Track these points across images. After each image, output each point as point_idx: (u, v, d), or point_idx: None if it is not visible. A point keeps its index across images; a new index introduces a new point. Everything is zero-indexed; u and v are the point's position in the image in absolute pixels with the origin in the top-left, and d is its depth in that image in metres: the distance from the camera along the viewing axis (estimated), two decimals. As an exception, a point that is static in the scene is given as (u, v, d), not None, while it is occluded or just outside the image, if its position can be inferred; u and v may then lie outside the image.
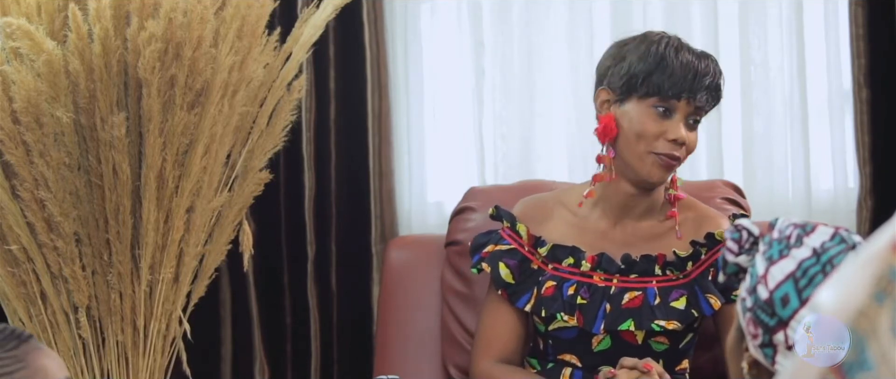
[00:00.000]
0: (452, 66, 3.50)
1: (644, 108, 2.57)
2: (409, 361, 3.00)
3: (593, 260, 2.64)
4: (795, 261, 1.71)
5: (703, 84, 2.56)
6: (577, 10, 3.43)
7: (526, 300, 2.65)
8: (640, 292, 2.61)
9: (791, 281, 1.69)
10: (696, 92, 2.55)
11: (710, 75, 2.57)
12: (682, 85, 2.55)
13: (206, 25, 2.70)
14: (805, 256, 1.70)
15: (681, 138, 2.55)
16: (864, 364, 1.13)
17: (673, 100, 2.55)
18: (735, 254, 1.78)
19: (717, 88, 2.59)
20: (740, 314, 1.75)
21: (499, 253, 2.67)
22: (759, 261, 1.73)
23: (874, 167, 3.30)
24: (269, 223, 3.40)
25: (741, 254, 1.78)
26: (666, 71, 2.55)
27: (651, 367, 2.50)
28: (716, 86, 2.58)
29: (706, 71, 2.57)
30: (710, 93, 2.57)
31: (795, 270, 1.69)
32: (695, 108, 2.57)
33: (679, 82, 2.55)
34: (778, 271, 1.71)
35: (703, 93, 2.56)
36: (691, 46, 2.61)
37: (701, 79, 2.56)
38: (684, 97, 2.55)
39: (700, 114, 2.59)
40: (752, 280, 1.72)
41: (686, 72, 2.55)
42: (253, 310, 3.45)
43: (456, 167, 3.50)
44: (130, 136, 2.71)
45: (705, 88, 2.56)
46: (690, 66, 2.56)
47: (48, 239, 2.73)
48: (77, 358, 2.79)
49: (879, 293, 1.12)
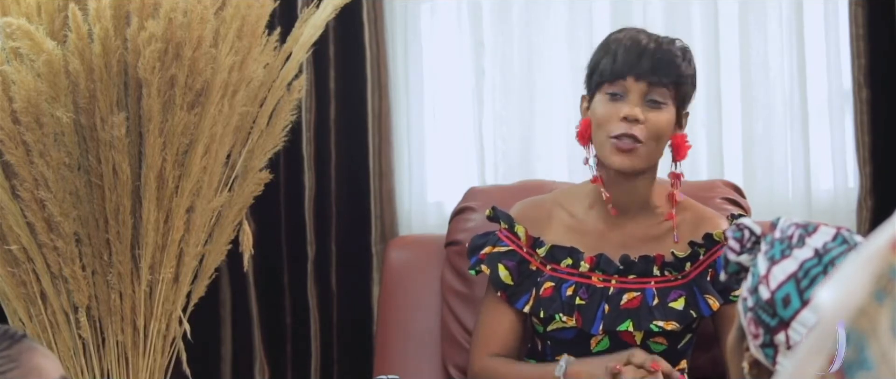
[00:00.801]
0: (452, 66, 3.49)
1: (601, 98, 2.59)
2: (409, 361, 3.00)
3: (592, 261, 2.64)
4: (797, 261, 1.71)
5: (647, 60, 2.55)
6: (577, 10, 3.43)
7: (525, 301, 2.65)
8: (638, 293, 2.61)
9: (793, 281, 1.69)
10: (642, 69, 2.54)
11: (659, 51, 2.56)
12: (625, 64, 2.55)
13: (206, 25, 2.70)
14: (807, 256, 1.69)
15: (631, 115, 2.54)
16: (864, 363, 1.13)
17: (620, 80, 2.56)
18: (737, 253, 1.78)
19: (668, 64, 2.56)
20: (741, 314, 1.75)
21: (497, 255, 2.67)
22: (761, 261, 1.73)
23: (874, 167, 3.29)
24: (269, 223, 3.40)
25: (743, 253, 1.78)
26: (610, 55, 2.58)
27: (658, 366, 2.50)
28: (667, 61, 2.56)
29: (655, 48, 2.56)
30: (661, 68, 2.55)
31: (797, 270, 1.69)
32: (648, 85, 2.56)
33: (622, 63, 2.56)
34: (780, 271, 1.71)
35: (647, 68, 2.54)
36: (655, 34, 2.61)
37: (646, 56, 2.55)
38: (631, 76, 2.55)
39: (656, 93, 2.57)
40: (754, 280, 1.72)
41: (629, 52, 2.56)
42: (253, 310, 3.45)
43: (456, 167, 3.50)
44: (130, 136, 2.71)
45: (651, 64, 2.55)
46: (634, 48, 2.56)
47: (48, 239, 2.73)
48: (77, 358, 2.79)
49: (879, 292, 1.12)
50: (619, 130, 2.55)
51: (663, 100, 2.57)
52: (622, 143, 2.55)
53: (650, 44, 2.57)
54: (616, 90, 2.57)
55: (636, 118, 2.54)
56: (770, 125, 3.38)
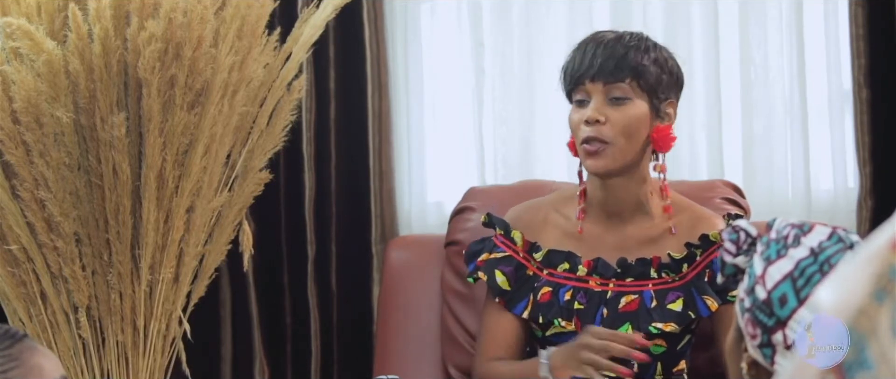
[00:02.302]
0: (452, 66, 3.49)
1: (571, 107, 2.61)
2: (409, 361, 3.00)
3: (589, 265, 2.63)
4: (793, 261, 1.71)
5: (597, 59, 2.55)
6: (577, 10, 3.43)
7: (523, 307, 2.65)
8: (636, 296, 2.61)
9: (789, 281, 1.69)
10: (594, 69, 2.55)
11: (609, 48, 2.56)
12: (579, 68, 2.57)
13: (206, 25, 2.70)
14: (802, 255, 1.70)
15: (591, 117, 2.54)
16: (864, 363, 1.13)
17: (579, 86, 2.57)
18: (733, 255, 1.78)
19: (622, 58, 2.55)
20: (739, 315, 1.75)
21: (494, 261, 2.67)
22: (757, 261, 1.73)
23: (874, 167, 3.29)
24: (269, 223, 3.40)
25: (739, 255, 1.78)
26: (568, 66, 2.60)
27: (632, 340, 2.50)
28: (620, 55, 2.55)
29: (605, 46, 2.56)
30: (614, 63, 2.54)
31: (793, 270, 1.69)
32: (604, 84, 2.55)
33: (577, 68, 2.57)
34: (776, 271, 1.71)
35: (597, 67, 2.54)
36: (610, 33, 2.61)
37: (598, 55, 2.55)
38: (587, 79, 2.56)
39: (618, 89, 2.55)
40: (751, 281, 1.72)
41: (584, 56, 2.57)
42: (253, 310, 3.45)
43: (456, 167, 3.50)
44: (130, 136, 2.71)
45: (601, 63, 2.54)
46: (586, 53, 2.57)
47: (48, 239, 2.73)
48: (77, 358, 2.79)
49: (879, 292, 1.12)
50: (585, 134, 2.56)
51: (625, 95, 2.56)
52: (590, 146, 2.56)
53: (601, 44, 2.57)
54: (580, 96, 2.58)
55: (596, 119, 2.54)
56: (770, 125, 3.38)
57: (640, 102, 2.56)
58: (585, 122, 2.55)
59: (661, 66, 2.58)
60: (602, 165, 2.56)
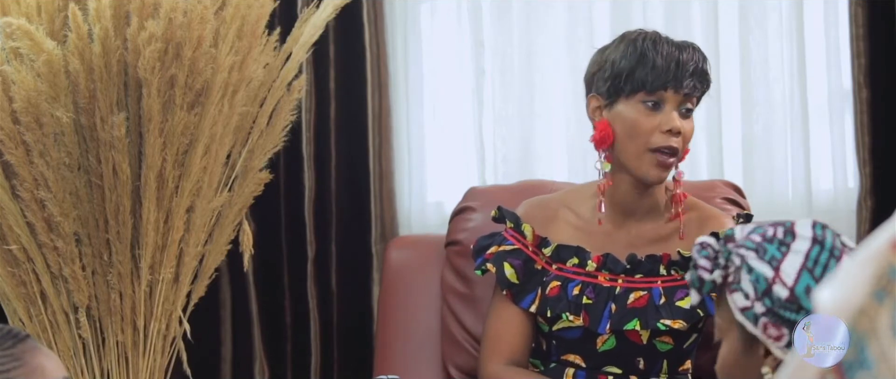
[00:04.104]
0: (452, 66, 3.50)
1: (634, 105, 2.57)
2: (409, 361, 3.00)
3: (599, 260, 2.63)
4: (801, 254, 1.73)
5: (687, 71, 2.55)
6: (577, 10, 3.43)
7: (530, 300, 2.65)
8: (645, 292, 2.61)
9: (806, 273, 1.71)
10: (681, 80, 2.54)
11: (693, 61, 2.56)
12: (665, 75, 2.54)
13: (206, 25, 2.70)
14: (807, 247, 1.72)
15: (675, 127, 2.54)
16: (864, 363, 1.13)
17: (660, 91, 2.55)
18: (710, 271, 1.80)
19: (703, 73, 2.57)
20: (749, 324, 1.75)
21: (503, 253, 2.67)
22: (760, 266, 1.74)
23: (874, 167, 3.29)
24: (269, 223, 3.40)
25: (715, 269, 1.80)
26: (647, 64, 2.55)
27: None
28: (701, 71, 2.57)
29: (689, 58, 2.56)
30: (697, 78, 2.56)
31: (805, 261, 1.71)
32: (683, 96, 2.56)
33: (662, 73, 2.55)
34: (789, 268, 1.73)
35: (688, 80, 2.55)
36: (671, 38, 2.61)
37: (684, 66, 2.55)
38: (671, 87, 2.54)
39: (690, 101, 2.57)
40: (761, 285, 1.73)
41: (668, 62, 2.55)
42: (253, 310, 3.45)
43: (456, 167, 3.50)
44: (130, 136, 2.71)
45: (690, 75, 2.55)
46: (672, 56, 2.55)
47: (48, 239, 2.73)
48: (77, 358, 2.79)
49: (879, 292, 1.12)
50: (661, 142, 2.55)
51: (693, 107, 2.59)
52: (665, 158, 2.55)
53: (681, 54, 2.56)
54: (655, 99, 2.56)
55: (679, 130, 2.55)
56: (770, 125, 3.38)
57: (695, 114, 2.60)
58: (668, 132, 2.54)
59: None
60: (665, 176, 2.58)
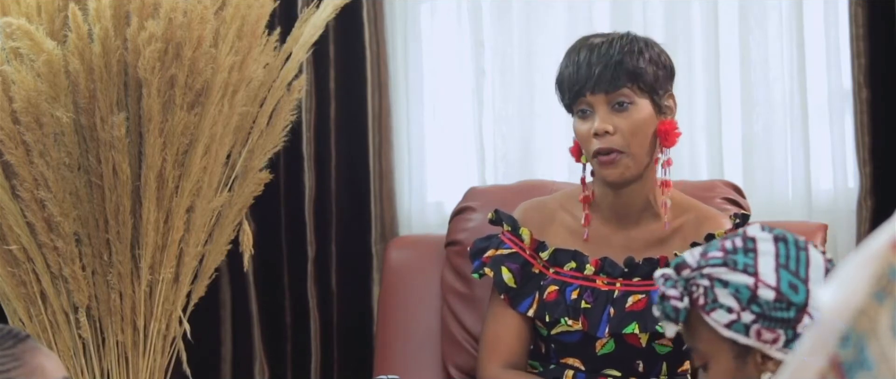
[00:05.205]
0: (452, 66, 3.49)
1: (575, 118, 2.59)
2: (409, 361, 3.00)
3: (597, 264, 2.63)
4: (770, 255, 1.75)
5: (595, 70, 2.53)
6: (576, 10, 3.43)
7: (528, 305, 2.64)
8: (643, 295, 2.61)
9: (783, 270, 1.73)
10: (592, 80, 2.53)
11: (606, 56, 2.54)
12: (578, 82, 2.55)
13: (206, 25, 2.70)
14: (772, 247, 1.75)
15: (599, 129, 2.53)
16: (864, 363, 1.13)
17: (580, 98, 2.55)
18: (680, 298, 1.81)
19: (618, 65, 2.53)
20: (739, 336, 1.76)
21: (500, 257, 2.67)
22: (737, 277, 1.76)
23: (874, 167, 3.29)
24: (269, 223, 3.40)
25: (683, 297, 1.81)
26: (566, 78, 2.57)
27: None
28: (616, 62, 2.53)
29: (600, 55, 2.54)
30: (611, 71, 2.53)
31: (777, 260, 1.73)
32: (606, 94, 2.55)
33: (575, 81, 2.55)
34: (766, 269, 1.75)
35: (600, 77, 2.52)
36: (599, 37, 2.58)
37: (592, 67, 2.53)
38: (586, 91, 2.54)
39: (620, 95, 2.54)
40: (744, 294, 1.74)
41: (578, 68, 2.55)
42: (253, 310, 3.45)
43: (456, 167, 3.50)
44: (130, 136, 2.71)
45: (602, 71, 2.52)
46: (584, 61, 2.54)
47: (48, 239, 2.73)
48: (77, 358, 2.79)
49: (879, 292, 1.12)
50: (596, 147, 2.55)
51: (628, 99, 2.55)
52: (605, 158, 2.55)
53: (593, 51, 2.55)
54: (583, 107, 2.56)
55: (605, 130, 2.53)
56: (770, 125, 3.38)
57: (643, 102, 2.56)
58: (595, 135, 2.54)
59: (655, 64, 2.57)
60: (619, 174, 2.56)
